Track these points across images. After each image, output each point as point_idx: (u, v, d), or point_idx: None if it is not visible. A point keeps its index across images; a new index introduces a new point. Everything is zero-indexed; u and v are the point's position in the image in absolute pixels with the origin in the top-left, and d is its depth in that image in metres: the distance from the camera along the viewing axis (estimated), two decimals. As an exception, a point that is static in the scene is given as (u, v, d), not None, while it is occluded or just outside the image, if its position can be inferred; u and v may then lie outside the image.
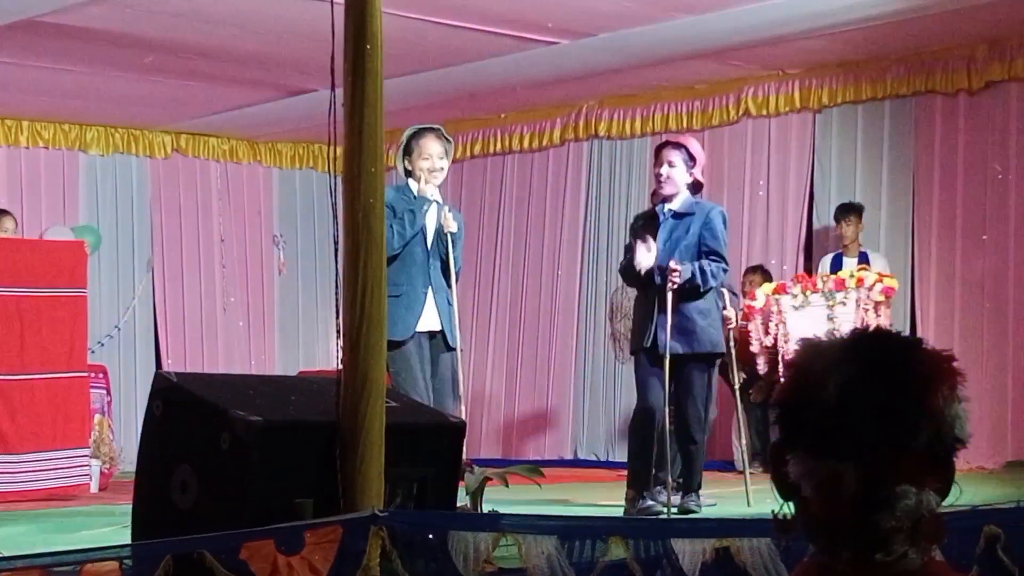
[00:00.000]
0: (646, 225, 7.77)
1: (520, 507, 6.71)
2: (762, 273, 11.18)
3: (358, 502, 4.76)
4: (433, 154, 7.66)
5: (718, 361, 7.90)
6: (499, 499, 6.63)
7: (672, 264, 7.47)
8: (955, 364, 1.83)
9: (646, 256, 7.57)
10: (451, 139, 7.96)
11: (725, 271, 7.77)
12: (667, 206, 7.72)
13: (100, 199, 13.33)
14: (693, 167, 7.77)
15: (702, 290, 7.58)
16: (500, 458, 12.16)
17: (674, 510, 7.51)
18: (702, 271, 7.54)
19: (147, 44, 10.20)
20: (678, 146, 7.84)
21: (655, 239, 7.64)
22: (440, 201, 7.73)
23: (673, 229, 7.67)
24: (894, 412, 1.72)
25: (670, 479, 7.70)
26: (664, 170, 7.70)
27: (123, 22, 9.66)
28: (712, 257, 7.63)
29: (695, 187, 7.82)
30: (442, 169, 7.72)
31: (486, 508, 6.06)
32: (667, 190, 7.72)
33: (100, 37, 9.94)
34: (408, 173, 7.70)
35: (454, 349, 7.58)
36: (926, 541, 1.76)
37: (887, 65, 11.20)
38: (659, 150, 7.87)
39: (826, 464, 1.73)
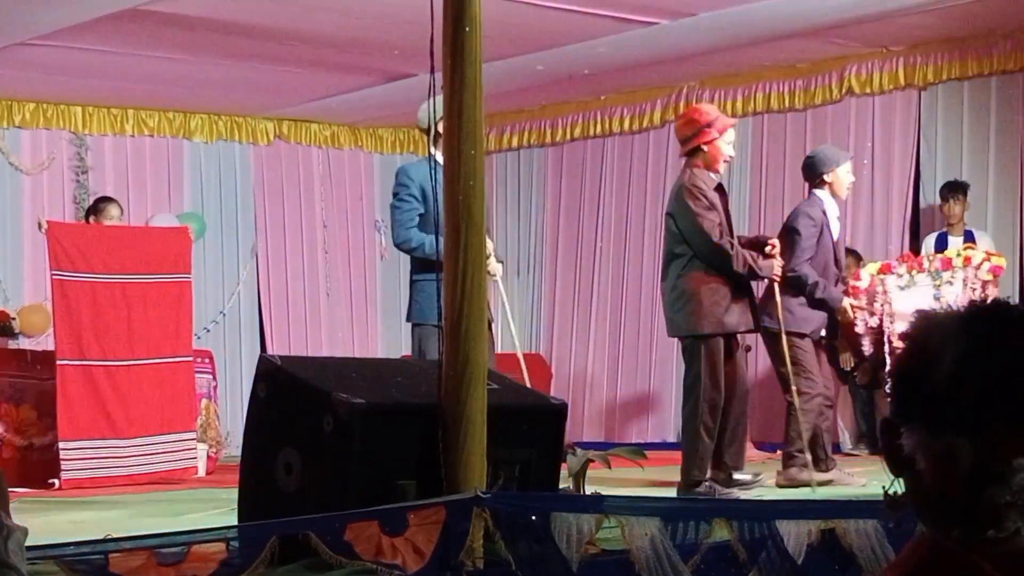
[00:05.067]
0: (721, 202, 7.80)
1: (623, 489, 6.70)
2: (855, 256, 11.02)
3: (461, 484, 4.77)
4: None
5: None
6: (602, 481, 6.62)
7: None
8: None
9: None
10: None
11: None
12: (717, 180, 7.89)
13: (204, 186, 13.45)
14: None
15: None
16: (603, 441, 12.13)
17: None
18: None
19: (249, 31, 10.27)
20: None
21: (726, 213, 7.78)
22: None
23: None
24: (1011, 385, 1.69)
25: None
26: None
27: (225, 9, 9.74)
28: None
29: None
30: None
31: (589, 490, 6.05)
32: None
33: (203, 25, 10.03)
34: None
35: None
36: (1041, 518, 1.72)
37: (993, 40, 10.99)
38: (727, 129, 7.88)
39: (942, 438, 1.70)
